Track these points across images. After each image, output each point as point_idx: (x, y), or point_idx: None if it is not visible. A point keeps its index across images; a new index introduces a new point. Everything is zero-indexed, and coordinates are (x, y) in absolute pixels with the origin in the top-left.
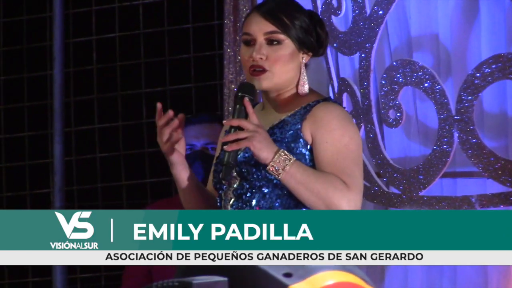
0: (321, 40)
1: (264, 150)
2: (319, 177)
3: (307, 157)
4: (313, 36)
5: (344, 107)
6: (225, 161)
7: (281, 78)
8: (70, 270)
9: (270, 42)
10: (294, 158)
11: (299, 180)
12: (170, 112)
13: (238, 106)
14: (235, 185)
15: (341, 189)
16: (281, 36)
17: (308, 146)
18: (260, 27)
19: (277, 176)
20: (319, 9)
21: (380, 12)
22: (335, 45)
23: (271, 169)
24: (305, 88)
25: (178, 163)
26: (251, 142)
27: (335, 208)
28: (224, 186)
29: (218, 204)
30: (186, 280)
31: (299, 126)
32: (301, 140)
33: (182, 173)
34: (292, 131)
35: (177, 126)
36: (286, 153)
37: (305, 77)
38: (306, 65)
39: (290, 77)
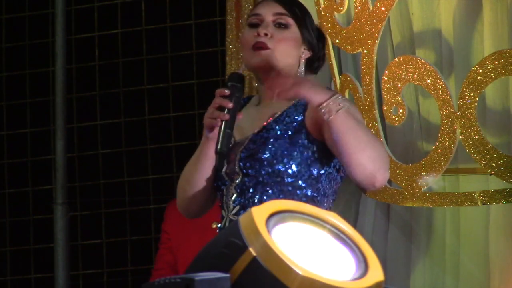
0: (319, 56)
1: (318, 93)
2: (367, 130)
3: (309, 148)
4: (316, 41)
5: None
6: (218, 149)
7: (281, 61)
8: (73, 266)
9: (278, 24)
10: (348, 104)
11: (350, 125)
12: (230, 104)
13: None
14: (237, 181)
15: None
16: (290, 20)
17: (310, 137)
18: (271, 9)
19: (328, 117)
20: (322, 6)
21: (383, 8)
22: (337, 41)
23: (323, 110)
24: None
25: (213, 140)
26: (300, 89)
27: (377, 158)
28: (226, 182)
29: (220, 200)
30: (188, 277)
31: (302, 117)
32: (303, 131)
33: (212, 149)
34: (295, 123)
35: (226, 118)
36: (342, 96)
37: (303, 71)
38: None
39: (289, 64)
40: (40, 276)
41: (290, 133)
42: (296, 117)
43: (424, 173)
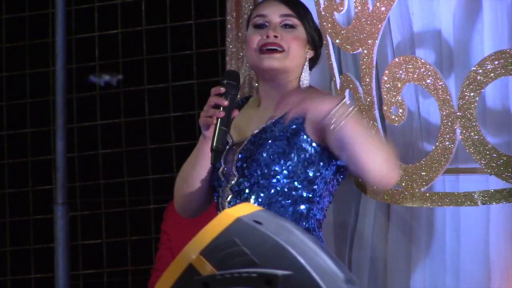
0: (318, 54)
1: (325, 100)
2: (373, 132)
3: (307, 150)
4: (318, 40)
5: None
6: (214, 146)
7: (293, 61)
8: (73, 266)
9: (285, 25)
10: (352, 106)
11: (359, 131)
12: (225, 102)
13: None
14: (232, 182)
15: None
16: (296, 21)
17: (308, 139)
18: (276, 10)
19: (337, 125)
20: (322, 5)
21: (383, 8)
22: (337, 41)
23: (332, 118)
24: (306, 81)
25: (210, 138)
26: (306, 103)
27: (389, 159)
28: (222, 183)
29: (216, 201)
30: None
31: (302, 120)
32: (302, 133)
33: (208, 147)
34: (294, 126)
35: (221, 116)
36: (347, 103)
37: (307, 71)
38: (311, 66)
39: (298, 64)
40: (40, 276)
41: (288, 135)
42: (296, 120)
43: (424, 173)
